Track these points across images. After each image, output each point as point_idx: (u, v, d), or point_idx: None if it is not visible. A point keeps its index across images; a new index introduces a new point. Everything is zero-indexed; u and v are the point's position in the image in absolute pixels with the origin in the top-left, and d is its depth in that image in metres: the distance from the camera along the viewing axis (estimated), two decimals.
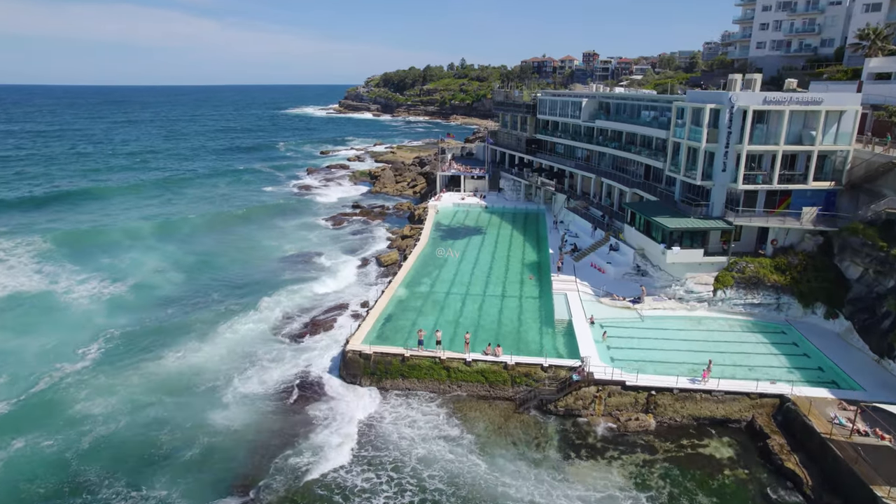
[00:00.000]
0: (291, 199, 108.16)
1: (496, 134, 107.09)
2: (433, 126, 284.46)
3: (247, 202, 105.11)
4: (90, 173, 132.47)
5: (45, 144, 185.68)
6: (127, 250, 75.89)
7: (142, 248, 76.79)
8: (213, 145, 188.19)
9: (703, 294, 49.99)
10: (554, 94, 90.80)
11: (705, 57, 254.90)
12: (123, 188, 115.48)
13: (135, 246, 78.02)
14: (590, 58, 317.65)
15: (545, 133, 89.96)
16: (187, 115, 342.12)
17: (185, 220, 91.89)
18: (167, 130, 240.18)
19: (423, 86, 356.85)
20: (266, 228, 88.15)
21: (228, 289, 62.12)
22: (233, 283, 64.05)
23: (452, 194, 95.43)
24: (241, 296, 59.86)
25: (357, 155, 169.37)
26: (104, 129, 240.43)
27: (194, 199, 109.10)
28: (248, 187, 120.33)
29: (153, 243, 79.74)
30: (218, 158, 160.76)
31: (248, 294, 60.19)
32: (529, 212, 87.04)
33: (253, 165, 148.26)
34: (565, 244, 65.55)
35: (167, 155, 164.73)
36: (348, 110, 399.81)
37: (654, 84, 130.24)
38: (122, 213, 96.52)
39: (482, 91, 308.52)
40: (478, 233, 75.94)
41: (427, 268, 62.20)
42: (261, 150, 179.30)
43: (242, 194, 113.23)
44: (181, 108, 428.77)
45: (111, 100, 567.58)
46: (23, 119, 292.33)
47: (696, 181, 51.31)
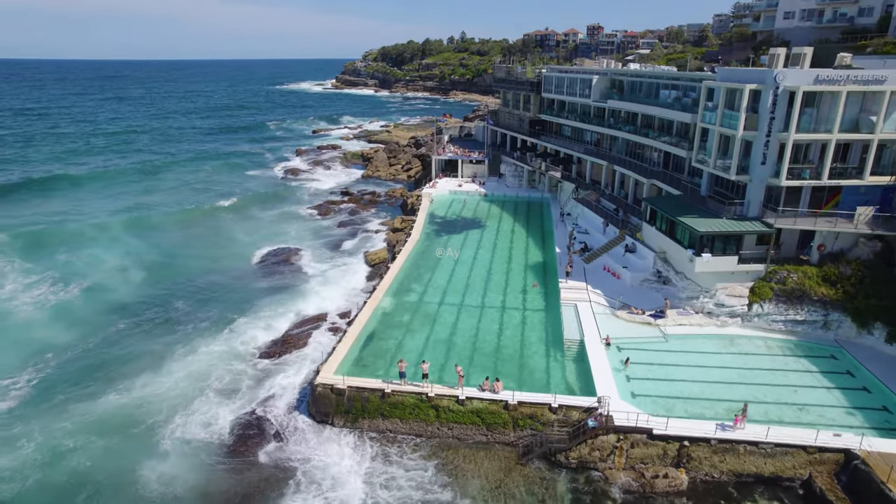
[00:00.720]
0: (277, 186, 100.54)
1: (497, 114, 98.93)
2: (432, 102, 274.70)
3: (228, 189, 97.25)
4: (67, 156, 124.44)
5: (26, 123, 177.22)
6: (88, 245, 68.70)
7: (105, 244, 69.53)
8: (203, 124, 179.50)
9: (737, 308, 42.84)
10: (561, 70, 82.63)
11: (715, 30, 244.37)
12: (98, 173, 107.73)
13: (98, 240, 70.81)
14: (594, 31, 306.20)
15: (551, 113, 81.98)
16: (180, 92, 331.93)
17: (159, 211, 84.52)
18: (157, 108, 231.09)
19: (421, 60, 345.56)
20: (245, 220, 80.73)
21: (192, 297, 54.78)
22: (199, 288, 56.78)
23: (449, 180, 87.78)
24: (204, 306, 52.65)
25: (350, 134, 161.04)
26: (91, 107, 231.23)
27: (172, 186, 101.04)
28: (233, 172, 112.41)
29: (119, 237, 72.56)
30: (205, 139, 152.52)
31: (213, 304, 53.01)
32: (533, 201, 79.48)
33: (240, 147, 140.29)
34: (574, 242, 58.21)
35: (152, 135, 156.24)
36: (346, 86, 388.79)
37: (667, 59, 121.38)
38: (91, 203, 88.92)
39: (483, 66, 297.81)
40: (476, 226, 68.56)
41: (418, 270, 54.99)
42: (251, 130, 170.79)
43: (225, 180, 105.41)
44: (176, 83, 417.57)
45: (104, 75, 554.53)
46: (7, 95, 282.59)
47: (731, 175, 43.69)
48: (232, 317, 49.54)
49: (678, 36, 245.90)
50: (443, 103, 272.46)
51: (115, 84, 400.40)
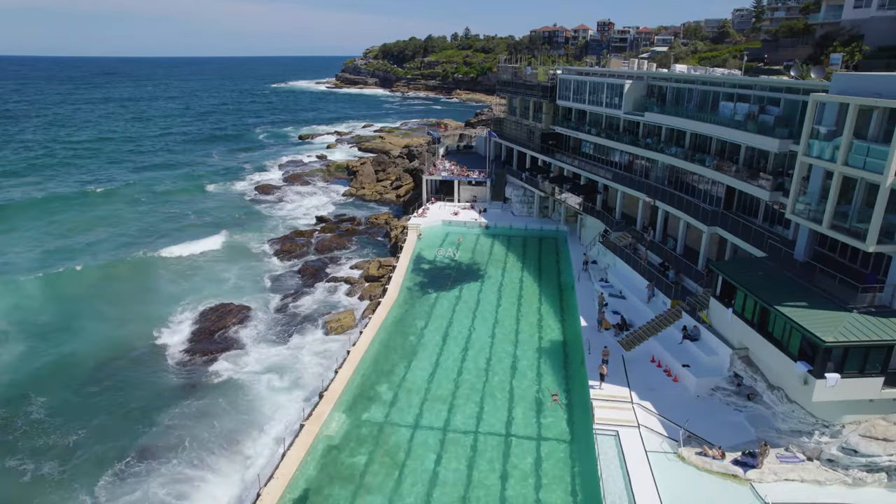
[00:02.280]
0: (239, 209, 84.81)
1: (501, 123, 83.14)
2: (432, 103, 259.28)
3: (174, 219, 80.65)
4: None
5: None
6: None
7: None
8: (181, 130, 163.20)
9: (881, 458, 27.18)
10: (581, 72, 66.96)
11: (736, 26, 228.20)
12: (23, 203, 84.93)
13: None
14: (605, 27, 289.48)
15: (568, 125, 66.26)
16: (173, 91, 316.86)
17: (63, 256, 65.70)
18: (139, 111, 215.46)
19: (424, 58, 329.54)
20: (182, 267, 63.93)
21: (54, 411, 38.81)
22: (71, 393, 40.71)
23: (443, 206, 72.23)
24: (57, 433, 37.20)
25: (339, 141, 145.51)
26: (69, 110, 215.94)
27: (111, 218, 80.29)
28: (191, 193, 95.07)
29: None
30: (177, 148, 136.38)
31: (72, 431, 37.41)
32: (546, 235, 63.87)
33: (214, 158, 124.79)
34: (605, 311, 42.50)
35: (119, 144, 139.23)
36: (345, 84, 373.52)
37: (699, 59, 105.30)
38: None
39: (488, 64, 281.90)
40: (473, 277, 52.84)
41: (389, 358, 39.39)
42: (232, 137, 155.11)
43: (176, 204, 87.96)
44: (170, 82, 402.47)
45: (103, 72, 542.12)
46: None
47: (867, 246, 27.96)
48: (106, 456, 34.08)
49: (696, 32, 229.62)
50: (444, 103, 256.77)
51: (108, 82, 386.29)
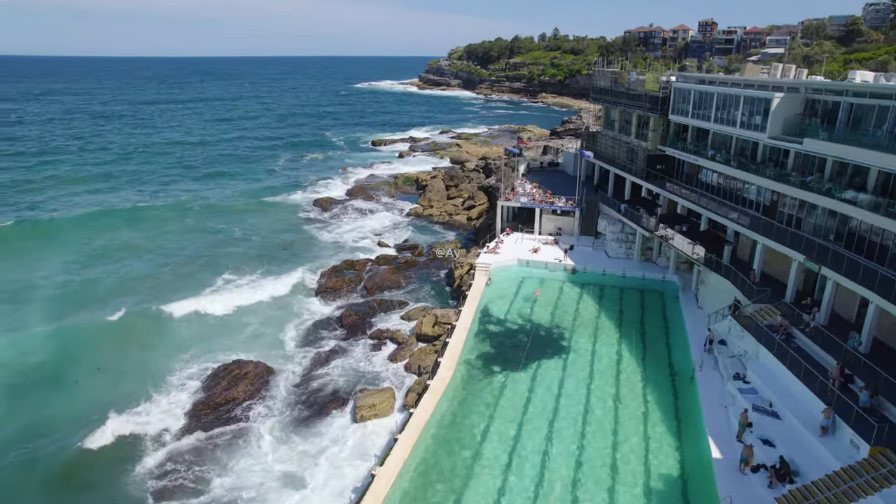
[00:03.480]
0: (289, 230, 75.53)
1: (595, 138, 69.67)
2: (515, 107, 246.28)
3: (216, 243, 71.31)
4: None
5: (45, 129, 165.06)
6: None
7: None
8: (256, 134, 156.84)
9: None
10: (704, 80, 52.86)
11: (869, 23, 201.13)
12: (68, 219, 76.05)
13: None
14: (707, 27, 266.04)
15: (683, 147, 52.31)
16: (257, 91, 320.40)
17: (85, 294, 56.05)
18: (223, 112, 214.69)
19: (509, 59, 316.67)
20: (205, 301, 54.92)
21: None
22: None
23: (521, 238, 59.96)
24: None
25: (412, 148, 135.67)
26: (157, 111, 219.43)
27: (149, 242, 70.48)
28: (244, 209, 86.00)
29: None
30: (247, 154, 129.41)
31: None
32: (649, 287, 50.31)
33: (278, 164, 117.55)
34: (748, 433, 28.89)
35: (190, 148, 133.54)
36: (428, 85, 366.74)
37: (843, 62, 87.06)
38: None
39: (576, 66, 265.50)
40: (552, 350, 40.27)
41: (429, 490, 27.80)
42: (305, 142, 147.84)
43: (225, 220, 79.64)
44: (260, 82, 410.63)
45: (203, 70, 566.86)
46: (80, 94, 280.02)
47: None
48: None
49: (819, 31, 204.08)
50: (527, 107, 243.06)
51: (210, 79, 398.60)
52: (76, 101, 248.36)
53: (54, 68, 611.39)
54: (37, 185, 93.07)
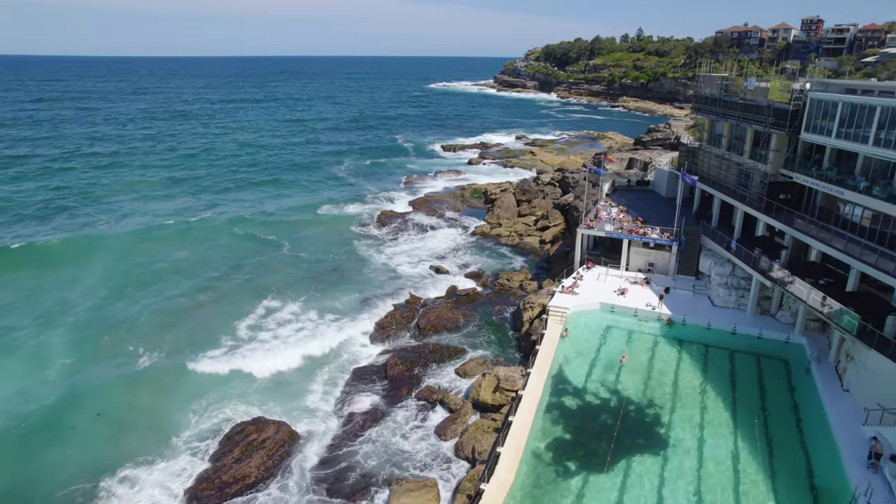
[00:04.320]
0: (341, 251, 68.23)
1: (695, 155, 58.97)
2: (592, 111, 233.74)
3: (261, 264, 64.58)
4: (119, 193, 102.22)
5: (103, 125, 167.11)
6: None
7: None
8: (324, 138, 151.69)
9: None
10: (855, 88, 41.85)
11: None
12: (104, 236, 70.58)
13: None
14: (812, 25, 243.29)
15: (818, 174, 41.46)
16: (333, 90, 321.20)
17: (102, 332, 51.11)
18: (295, 113, 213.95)
19: (589, 60, 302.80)
20: (235, 341, 48.70)
21: None
22: None
23: (605, 274, 50.54)
24: None
25: (484, 155, 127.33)
26: (225, 112, 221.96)
27: (186, 262, 64.79)
28: (297, 222, 79.10)
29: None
30: (311, 160, 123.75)
31: None
32: (769, 353, 39.86)
33: (341, 170, 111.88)
34: None
35: (257, 152, 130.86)
36: (503, 86, 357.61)
37: None
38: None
39: (661, 68, 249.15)
40: (645, 442, 30.91)
41: None
42: (371, 147, 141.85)
43: (276, 234, 73.75)
44: (336, 80, 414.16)
45: (286, 69, 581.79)
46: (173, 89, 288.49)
47: None
48: None
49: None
50: (606, 112, 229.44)
51: (290, 80, 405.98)
52: (161, 99, 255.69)
53: (163, 67, 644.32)
54: (98, 192, 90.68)
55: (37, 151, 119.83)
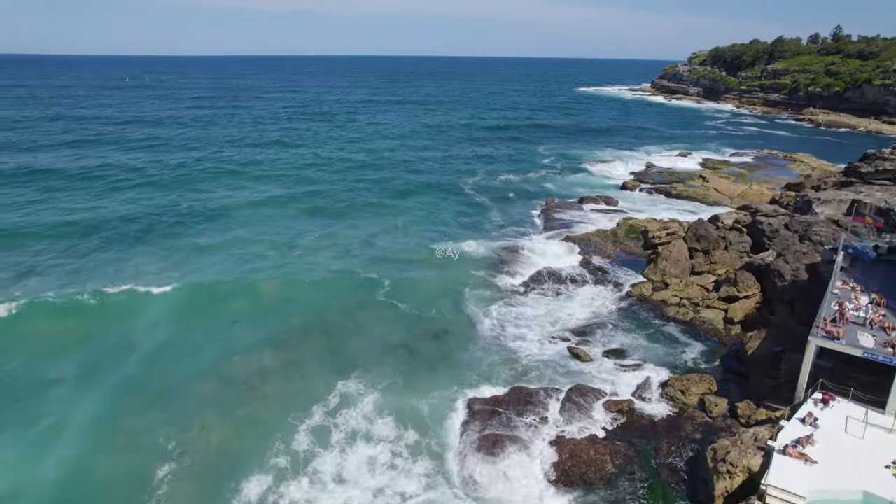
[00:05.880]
0: (448, 309, 51.93)
1: None
2: (769, 124, 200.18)
3: (349, 318, 51.01)
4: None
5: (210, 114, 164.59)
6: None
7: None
8: (450, 147, 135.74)
9: None
10: None
11: None
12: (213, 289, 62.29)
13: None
14: None
15: None
16: (463, 96, 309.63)
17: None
18: (434, 119, 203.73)
19: (767, 65, 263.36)
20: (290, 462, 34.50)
21: None
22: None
23: (859, 421, 30.52)
24: None
25: (640, 176, 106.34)
26: (361, 114, 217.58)
27: (263, 319, 51.78)
28: (405, 257, 64.68)
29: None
30: (432, 172, 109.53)
31: None
32: None
33: (465, 187, 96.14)
34: None
35: (368, 164, 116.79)
36: (661, 92, 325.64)
37: None
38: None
39: (864, 74, 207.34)
40: None
41: None
42: (509, 157, 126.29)
43: (368, 278, 58.51)
44: (472, 83, 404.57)
45: (428, 71, 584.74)
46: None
47: None
48: None
49: None
50: (789, 127, 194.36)
51: (427, 80, 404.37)
52: (306, 98, 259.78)
53: (309, 66, 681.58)
54: (202, 207, 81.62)
55: (158, 156, 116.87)
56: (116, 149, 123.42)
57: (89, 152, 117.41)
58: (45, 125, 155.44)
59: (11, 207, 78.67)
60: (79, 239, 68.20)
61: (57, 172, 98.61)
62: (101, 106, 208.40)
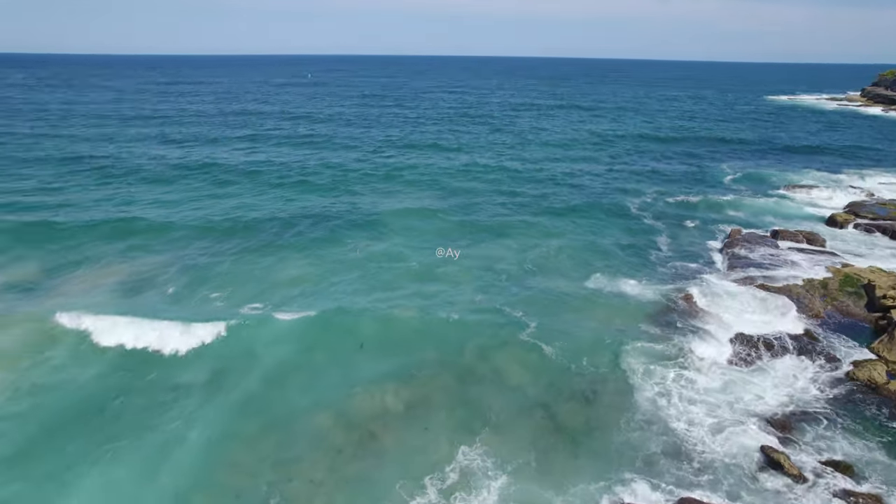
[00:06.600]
0: (599, 370, 42.08)
1: None
2: None
3: (488, 353, 44.56)
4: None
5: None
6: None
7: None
8: (623, 162, 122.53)
9: None
10: None
11: None
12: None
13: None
14: None
15: None
16: (630, 102, 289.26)
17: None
18: (588, 124, 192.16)
19: None
20: None
21: None
22: None
23: None
24: None
25: (853, 209, 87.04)
26: (523, 118, 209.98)
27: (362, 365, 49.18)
28: (555, 299, 54.72)
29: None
30: (592, 190, 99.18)
31: None
32: None
33: (630, 208, 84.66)
34: None
35: (533, 176, 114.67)
36: (874, 103, 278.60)
37: None
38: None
39: None
40: None
41: None
42: (683, 178, 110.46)
43: (509, 322, 51.68)
44: (653, 88, 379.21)
45: (614, 70, 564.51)
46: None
47: None
48: None
49: None
50: None
51: (603, 83, 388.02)
52: (469, 99, 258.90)
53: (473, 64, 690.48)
54: (346, 217, 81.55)
55: (321, 154, 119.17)
56: (285, 143, 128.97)
57: (260, 147, 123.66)
58: (231, 119, 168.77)
59: (174, 203, 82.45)
60: (220, 238, 68.98)
61: (222, 167, 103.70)
62: (280, 102, 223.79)
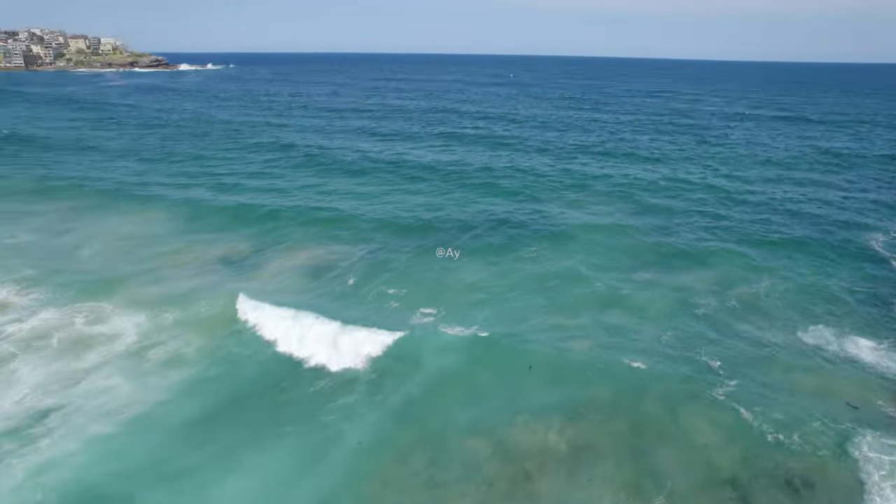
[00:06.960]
0: (821, 451, 33.74)
1: None
2: None
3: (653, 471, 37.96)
4: None
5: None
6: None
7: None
8: (864, 191, 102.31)
9: None
10: None
11: None
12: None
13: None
14: None
15: None
16: (845, 114, 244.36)
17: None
18: (823, 139, 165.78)
19: None
20: None
21: None
22: None
23: None
24: None
25: None
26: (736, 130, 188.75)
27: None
28: (771, 342, 47.14)
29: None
30: (837, 216, 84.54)
31: None
32: None
33: (880, 239, 69.86)
34: None
35: (729, 198, 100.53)
36: None
37: None
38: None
39: None
40: None
41: None
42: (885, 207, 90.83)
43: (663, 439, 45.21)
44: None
45: (795, 79, 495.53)
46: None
47: None
48: None
49: None
50: None
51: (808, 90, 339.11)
52: (678, 106, 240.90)
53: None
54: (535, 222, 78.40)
55: (512, 158, 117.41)
56: (479, 143, 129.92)
57: (454, 145, 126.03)
58: (429, 116, 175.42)
59: (366, 196, 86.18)
60: (401, 233, 70.03)
61: (414, 163, 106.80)
62: (478, 102, 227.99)
